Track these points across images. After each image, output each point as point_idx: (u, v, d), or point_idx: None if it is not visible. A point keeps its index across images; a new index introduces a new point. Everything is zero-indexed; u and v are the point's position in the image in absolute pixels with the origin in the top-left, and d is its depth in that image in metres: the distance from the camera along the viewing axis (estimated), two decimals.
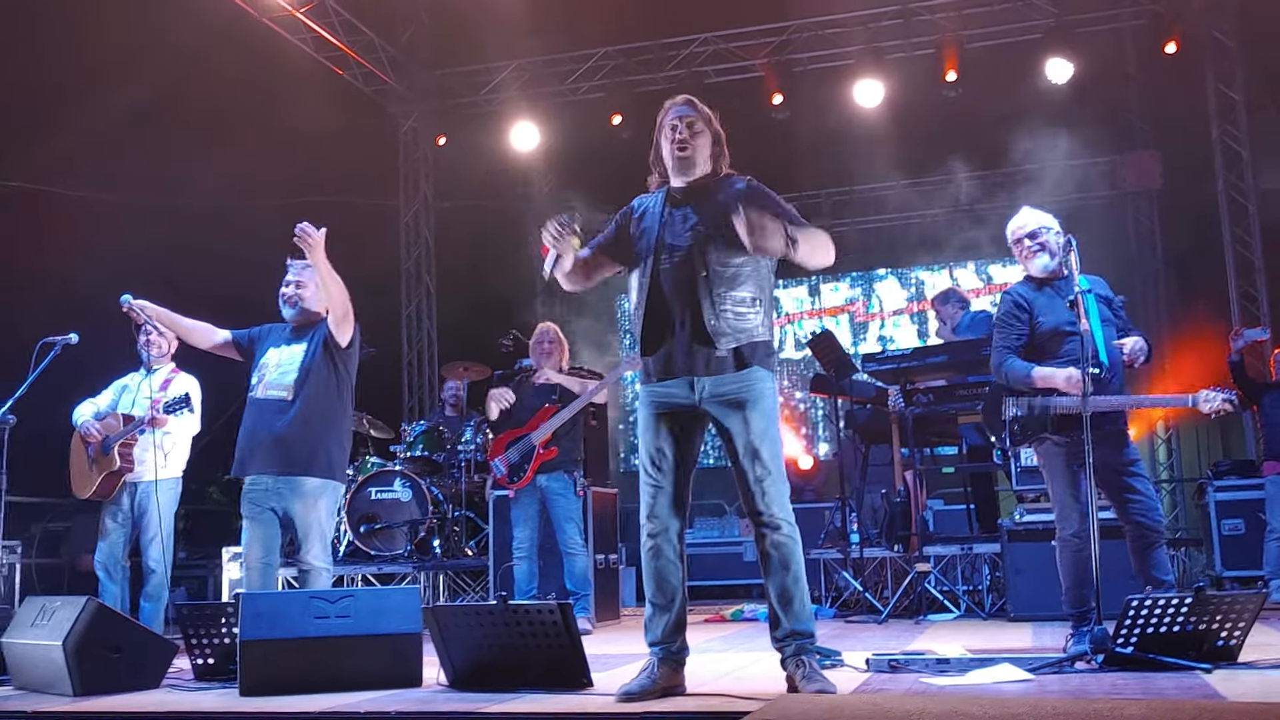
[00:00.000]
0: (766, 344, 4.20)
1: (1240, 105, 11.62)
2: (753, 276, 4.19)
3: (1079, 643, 4.82)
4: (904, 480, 8.42)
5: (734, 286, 4.16)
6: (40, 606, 5.03)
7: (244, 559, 5.60)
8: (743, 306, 4.15)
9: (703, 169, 4.34)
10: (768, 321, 4.23)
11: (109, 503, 6.58)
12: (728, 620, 8.24)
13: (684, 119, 4.36)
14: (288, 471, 5.47)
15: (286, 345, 5.71)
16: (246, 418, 5.63)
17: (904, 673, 4.48)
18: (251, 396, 5.64)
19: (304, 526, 5.47)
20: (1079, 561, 5.04)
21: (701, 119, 4.38)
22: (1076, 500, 5.10)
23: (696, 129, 4.35)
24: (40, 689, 4.80)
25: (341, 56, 12.25)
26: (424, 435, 9.91)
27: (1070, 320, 5.05)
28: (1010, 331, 5.29)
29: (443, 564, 9.44)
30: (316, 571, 5.47)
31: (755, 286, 4.19)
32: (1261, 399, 8.84)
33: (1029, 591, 7.11)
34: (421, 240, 13.88)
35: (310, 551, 5.48)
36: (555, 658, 4.25)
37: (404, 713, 3.78)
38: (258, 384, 5.63)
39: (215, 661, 4.99)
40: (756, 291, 4.19)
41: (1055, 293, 5.26)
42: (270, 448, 5.47)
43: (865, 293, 14.56)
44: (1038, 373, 5.12)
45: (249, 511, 5.55)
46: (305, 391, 5.55)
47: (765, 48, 12.34)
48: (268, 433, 5.49)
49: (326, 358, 5.63)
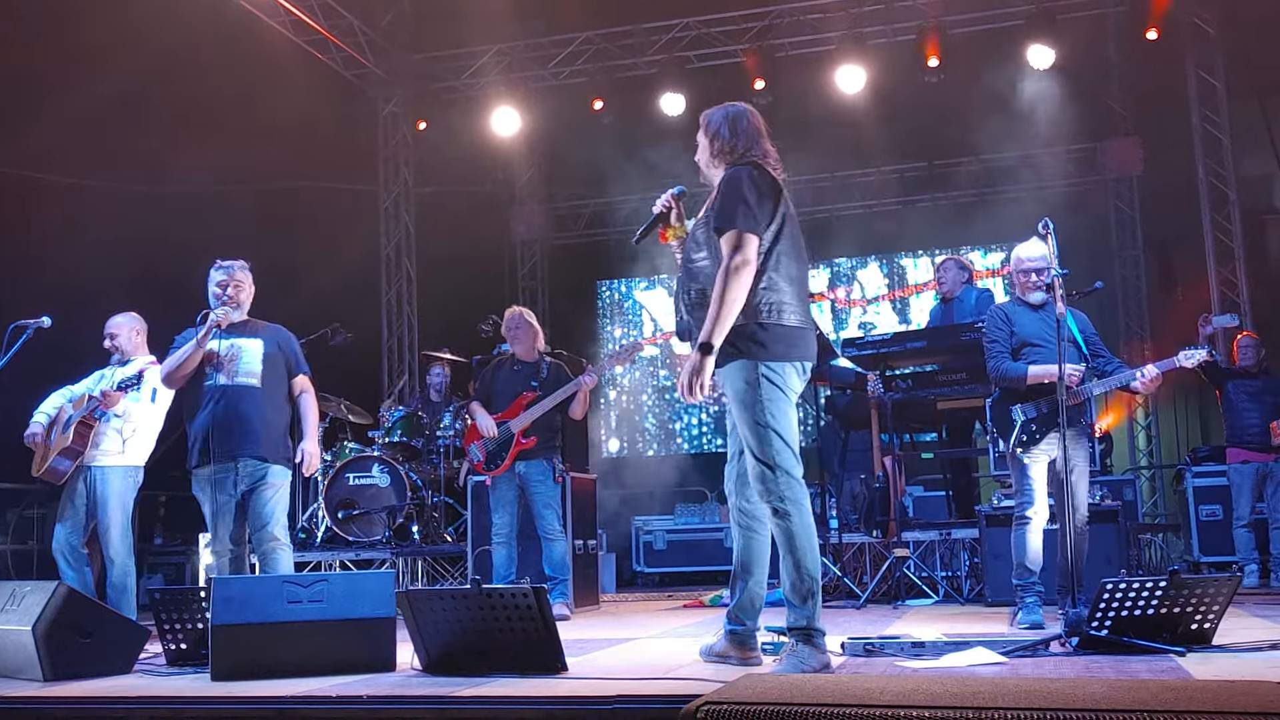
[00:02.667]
0: (739, 328, 4.16)
1: (1220, 91, 11.65)
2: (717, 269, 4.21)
3: (1028, 614, 5.61)
4: (883, 466, 8.42)
5: (698, 281, 4.30)
6: (10, 591, 4.98)
7: (216, 545, 5.75)
8: (691, 296, 4.30)
9: (706, 174, 4.55)
10: (750, 307, 4.17)
11: (66, 488, 6.51)
12: (706, 605, 8.23)
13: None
14: (262, 456, 5.74)
15: (237, 337, 5.90)
16: (213, 406, 5.74)
17: (879, 656, 4.48)
18: (214, 384, 5.78)
19: (274, 507, 5.76)
20: (1028, 540, 5.78)
21: (700, 129, 4.55)
22: (1032, 486, 5.79)
23: (698, 139, 4.56)
24: (10, 675, 4.75)
25: (321, 40, 12.17)
26: (403, 421, 9.88)
27: (1039, 336, 5.86)
28: (1000, 340, 6.02)
29: (421, 550, 9.41)
30: (286, 548, 5.80)
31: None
32: (1225, 385, 8.90)
33: (1007, 576, 7.08)
34: (401, 225, 13.81)
35: (279, 526, 5.78)
36: (530, 642, 4.23)
37: (376, 697, 3.75)
38: (215, 372, 5.80)
39: (187, 646, 4.95)
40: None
41: (1037, 314, 5.99)
42: (243, 431, 5.70)
43: (847, 279, 14.55)
44: (1032, 370, 5.81)
45: (221, 500, 5.70)
46: (269, 381, 5.87)
47: (747, 33, 12.32)
48: (240, 418, 5.72)
49: (279, 356, 6.00)
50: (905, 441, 8.93)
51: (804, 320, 4.30)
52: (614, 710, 3.42)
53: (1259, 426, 8.76)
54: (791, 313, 4.24)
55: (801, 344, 4.27)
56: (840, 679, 3.44)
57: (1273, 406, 8.76)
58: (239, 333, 5.92)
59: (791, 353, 4.23)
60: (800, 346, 4.27)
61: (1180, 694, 2.42)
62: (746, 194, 4.20)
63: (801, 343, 4.27)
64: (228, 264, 6.00)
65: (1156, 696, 2.38)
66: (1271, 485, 8.73)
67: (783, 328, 4.21)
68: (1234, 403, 8.88)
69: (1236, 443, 8.87)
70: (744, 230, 4.15)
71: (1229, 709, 2.28)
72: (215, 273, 5.99)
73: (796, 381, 4.28)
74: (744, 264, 4.12)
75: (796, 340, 4.25)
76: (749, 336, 4.18)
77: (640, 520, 11.92)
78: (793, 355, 4.23)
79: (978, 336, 7.41)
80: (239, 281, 5.97)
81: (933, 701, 2.41)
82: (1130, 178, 13.43)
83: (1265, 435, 8.72)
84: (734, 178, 4.28)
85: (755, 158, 4.36)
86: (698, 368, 4.10)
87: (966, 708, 2.33)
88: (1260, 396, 8.82)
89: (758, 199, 4.22)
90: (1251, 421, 8.79)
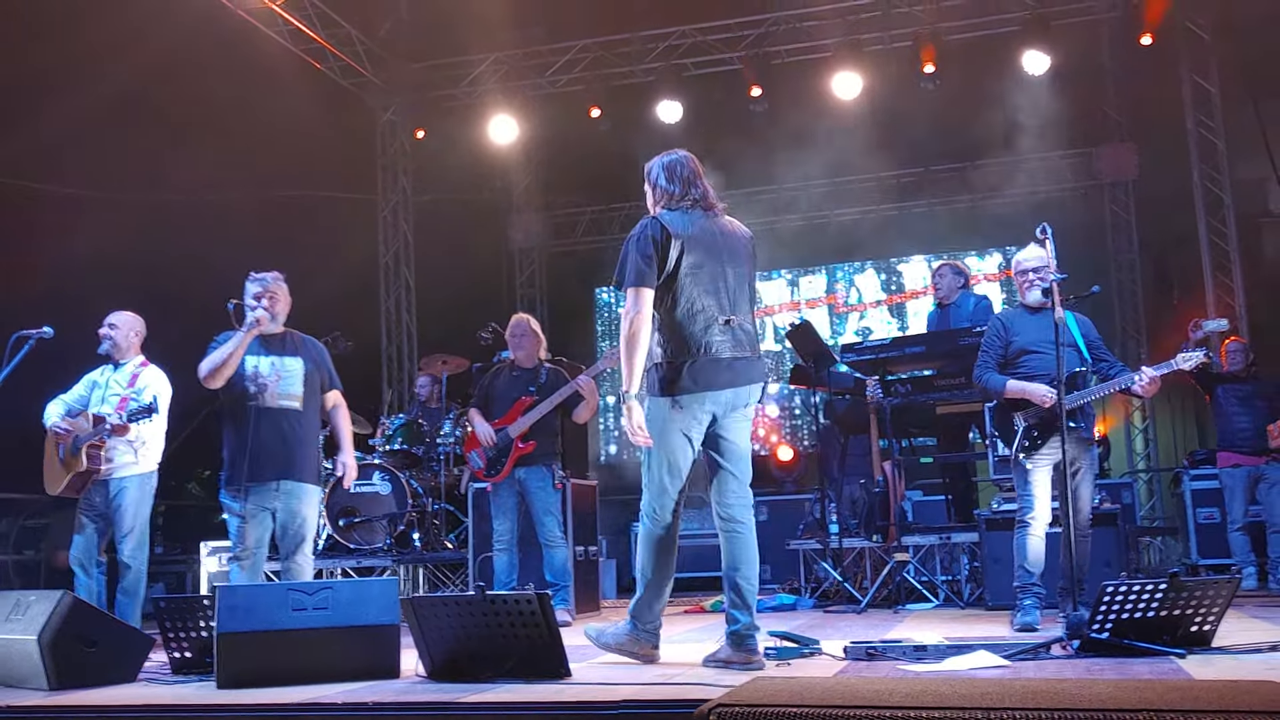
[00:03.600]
0: (653, 369, 4.65)
1: (1215, 96, 11.70)
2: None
3: (1023, 615, 5.78)
4: (882, 470, 8.44)
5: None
6: (15, 601, 4.99)
7: (239, 554, 5.89)
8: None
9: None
10: (652, 348, 4.64)
11: (83, 499, 6.54)
12: (707, 611, 8.25)
13: None
14: (300, 478, 5.95)
15: (278, 356, 6.04)
16: (254, 427, 5.87)
17: (881, 660, 4.50)
18: (257, 406, 5.92)
19: (307, 527, 5.99)
20: (1029, 544, 5.92)
21: (645, 179, 4.92)
22: (1033, 491, 5.92)
23: (645, 189, 4.93)
24: (15, 684, 4.77)
25: (319, 49, 12.20)
26: (403, 429, 9.88)
27: (1037, 341, 5.94)
28: (992, 351, 6.20)
29: (422, 557, 9.42)
30: (311, 565, 6.05)
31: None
32: (1215, 390, 8.95)
33: (1007, 580, 7.11)
34: (400, 234, 13.85)
35: (309, 544, 6.03)
36: (534, 648, 4.25)
37: (381, 703, 3.77)
38: (260, 393, 5.93)
39: (192, 655, 4.97)
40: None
41: (1036, 318, 6.05)
42: (285, 455, 5.90)
43: (844, 285, 14.59)
44: (1011, 385, 6.00)
45: (253, 510, 5.87)
46: (308, 402, 6.05)
47: (743, 40, 12.36)
48: (282, 441, 5.91)
49: (317, 375, 6.15)
50: (904, 446, 8.96)
51: (712, 351, 4.59)
52: (619, 715, 3.44)
53: (1250, 430, 8.81)
54: (695, 347, 4.57)
55: (707, 375, 4.58)
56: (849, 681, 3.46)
57: (1264, 410, 8.82)
58: (279, 349, 6.06)
59: (692, 386, 4.57)
60: (703, 377, 4.58)
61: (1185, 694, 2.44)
62: (637, 252, 4.57)
63: (707, 374, 4.58)
64: (262, 276, 6.09)
65: (1162, 696, 2.41)
66: (1265, 488, 8.77)
67: (686, 365, 4.57)
68: (1224, 407, 8.94)
69: (1227, 446, 8.93)
70: (635, 285, 4.54)
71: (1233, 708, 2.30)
72: (250, 284, 6.08)
73: (687, 417, 4.60)
74: (634, 313, 4.53)
75: (702, 374, 4.58)
76: (659, 378, 4.62)
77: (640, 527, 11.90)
78: (696, 388, 4.57)
79: (976, 341, 7.44)
80: (274, 293, 6.06)
81: (941, 702, 2.44)
82: (1126, 183, 13.47)
83: (1256, 439, 8.78)
84: (629, 237, 4.66)
85: (695, 196, 4.76)
86: (629, 415, 4.57)
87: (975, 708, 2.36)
88: (1250, 401, 8.88)
89: (649, 253, 4.56)
90: (1242, 425, 8.84)
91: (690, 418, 4.59)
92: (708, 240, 4.68)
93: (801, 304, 14.64)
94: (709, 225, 4.73)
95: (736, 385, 4.61)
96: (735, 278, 4.71)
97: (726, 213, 4.90)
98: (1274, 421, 8.71)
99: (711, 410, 4.61)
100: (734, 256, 4.75)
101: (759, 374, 4.72)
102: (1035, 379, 5.92)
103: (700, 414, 4.60)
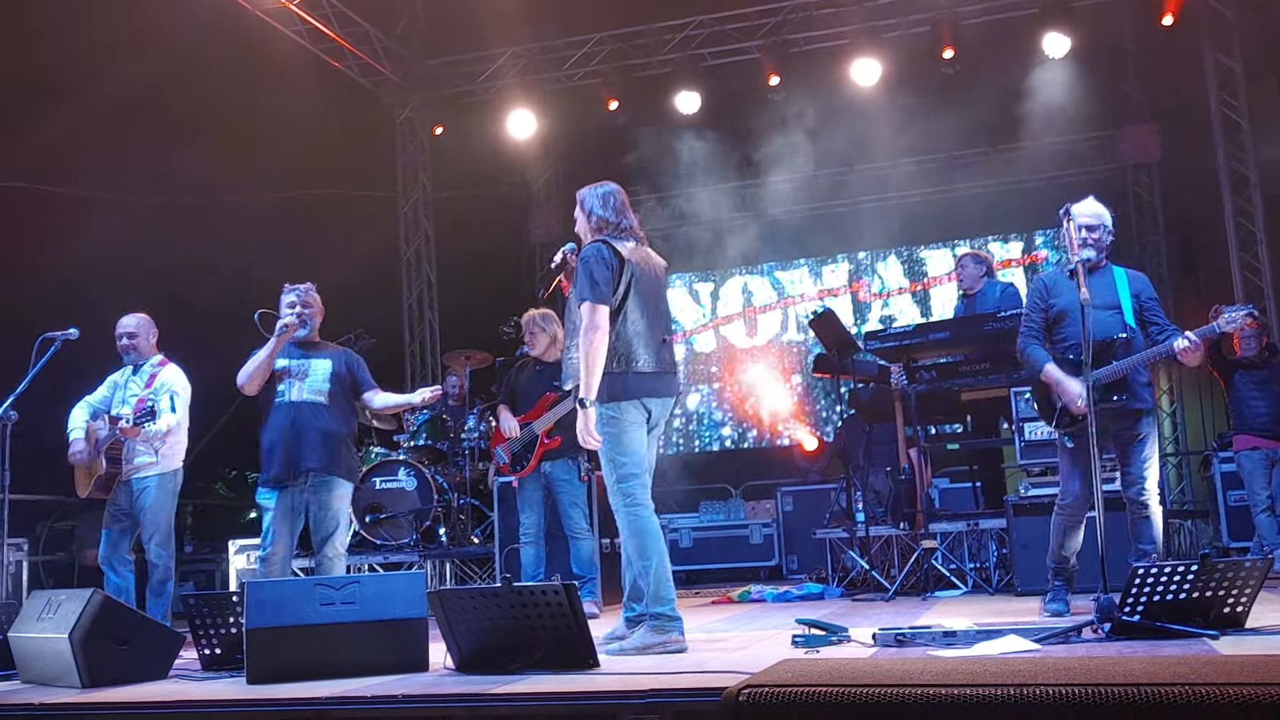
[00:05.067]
0: (606, 377, 4.98)
1: (1239, 75, 11.57)
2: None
3: (1053, 601, 5.63)
4: (908, 458, 8.41)
5: (577, 335, 5.07)
6: (46, 600, 5.03)
7: (270, 553, 6.02)
8: (574, 350, 5.13)
9: (586, 243, 5.26)
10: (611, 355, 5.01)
11: (110, 500, 6.58)
12: (734, 601, 8.24)
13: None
14: (329, 471, 6.09)
15: (305, 357, 6.23)
16: (283, 420, 6.06)
17: (911, 646, 4.47)
18: (284, 400, 6.10)
19: (339, 519, 6.16)
20: (1065, 527, 5.70)
21: (578, 207, 5.35)
22: (1076, 471, 5.59)
23: (575, 215, 5.37)
24: (48, 682, 4.80)
25: (336, 48, 12.21)
26: (427, 424, 9.91)
27: (1075, 305, 5.33)
28: (1034, 316, 5.86)
29: (449, 552, 9.45)
30: (344, 559, 6.20)
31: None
32: (1233, 376, 8.92)
33: (1035, 566, 7.07)
34: (421, 230, 13.87)
35: (340, 537, 6.20)
36: (561, 639, 4.25)
37: (411, 695, 3.78)
38: (287, 389, 6.12)
39: (222, 651, 5.00)
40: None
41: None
42: (312, 447, 6.05)
43: (867, 272, 14.53)
44: (1048, 372, 5.65)
45: (284, 508, 6.01)
46: (335, 398, 6.23)
47: (760, 29, 12.30)
48: (309, 433, 6.06)
49: (347, 377, 6.34)
50: (930, 433, 8.92)
51: (653, 364, 5.10)
52: (648, 705, 3.44)
53: (1267, 415, 8.80)
54: (640, 360, 5.05)
55: (649, 383, 5.09)
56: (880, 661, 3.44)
57: (1279, 394, 8.81)
58: (309, 352, 6.25)
59: (639, 392, 5.05)
60: (647, 385, 5.08)
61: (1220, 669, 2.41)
62: (595, 271, 5.00)
63: (649, 383, 5.09)
64: (297, 287, 6.29)
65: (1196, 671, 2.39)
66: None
67: (633, 374, 5.03)
68: (1240, 392, 8.92)
69: (1245, 430, 8.91)
70: (594, 302, 4.97)
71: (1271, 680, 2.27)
72: (286, 295, 6.26)
73: (638, 415, 5.08)
74: (596, 329, 4.95)
75: (644, 382, 5.07)
76: (610, 385, 5.02)
77: (665, 518, 11.92)
78: (641, 394, 5.06)
79: (1001, 327, 7.40)
80: (308, 303, 6.26)
81: (973, 680, 2.42)
82: (1149, 164, 13.35)
83: (1273, 423, 8.78)
84: (585, 257, 5.08)
85: (626, 226, 5.21)
86: (584, 419, 4.97)
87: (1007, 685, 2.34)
88: (1267, 385, 8.87)
89: (606, 274, 5.00)
90: (1260, 410, 8.83)
91: (638, 415, 5.08)
92: (645, 266, 5.22)
93: (823, 293, 14.58)
94: (641, 253, 5.25)
95: (668, 396, 5.21)
96: (663, 301, 5.33)
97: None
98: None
99: (648, 415, 5.14)
100: (659, 283, 5.32)
101: (677, 388, 5.34)
102: (1071, 348, 5.57)
103: (641, 417, 5.11)
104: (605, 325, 4.97)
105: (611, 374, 5.01)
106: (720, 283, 14.80)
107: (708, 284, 14.85)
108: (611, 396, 5.02)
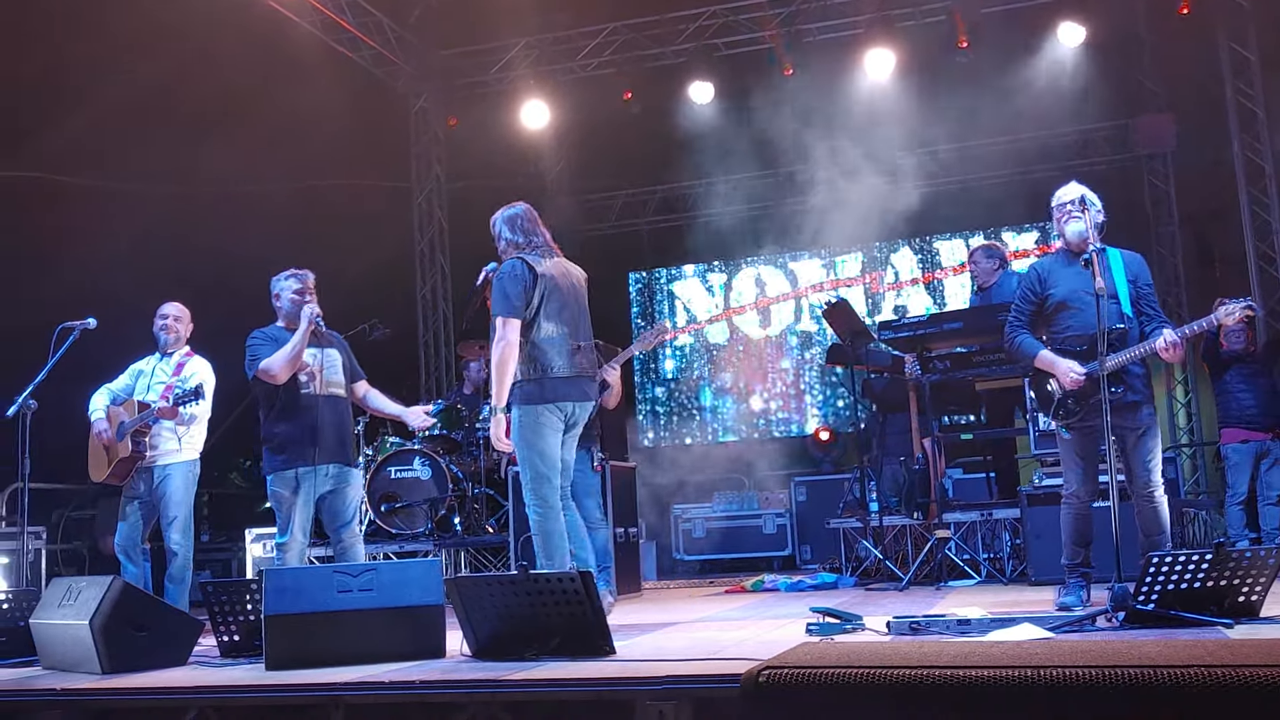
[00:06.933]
0: (521, 383, 5.50)
1: (1254, 64, 11.53)
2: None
3: (1069, 594, 5.49)
4: (922, 448, 8.41)
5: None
6: (67, 587, 5.07)
7: (289, 542, 6.07)
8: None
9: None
10: (522, 366, 5.50)
11: (128, 487, 6.62)
12: (748, 590, 8.26)
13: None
14: (349, 461, 6.24)
15: (318, 348, 6.24)
16: (306, 413, 6.08)
17: (925, 634, 4.48)
18: (311, 393, 6.14)
19: (355, 505, 6.27)
20: (1071, 519, 5.59)
21: (492, 230, 5.90)
22: (1075, 462, 5.55)
23: (493, 233, 5.90)
24: (69, 668, 4.84)
25: (350, 38, 12.25)
26: (442, 414, 9.93)
27: (1077, 295, 5.40)
28: (1024, 305, 5.69)
29: (463, 541, 9.48)
30: (361, 540, 6.34)
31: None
32: (1227, 372, 8.93)
33: (1049, 555, 7.07)
34: (435, 221, 13.91)
35: (357, 522, 6.30)
36: (577, 626, 4.27)
37: (428, 681, 3.80)
38: (310, 381, 6.16)
39: (241, 638, 5.03)
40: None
41: (1076, 267, 5.49)
42: (337, 439, 6.14)
43: (880, 263, 14.51)
44: (1042, 356, 5.53)
45: (303, 498, 6.05)
46: (348, 390, 6.36)
47: (774, 19, 12.30)
48: (336, 426, 6.16)
49: (349, 366, 6.45)
50: (944, 423, 8.91)
51: (568, 370, 5.54)
52: (664, 690, 3.46)
53: (1255, 408, 8.82)
54: (555, 367, 5.49)
55: (564, 388, 5.53)
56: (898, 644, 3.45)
57: (1266, 386, 8.87)
58: (319, 342, 6.26)
59: (555, 396, 5.50)
60: (562, 390, 5.53)
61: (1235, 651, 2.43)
62: (507, 287, 5.49)
63: (564, 387, 5.53)
64: (300, 272, 6.31)
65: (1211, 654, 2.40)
66: (1267, 464, 8.81)
67: (549, 380, 5.48)
68: (1229, 385, 8.95)
69: (1234, 423, 8.93)
70: (505, 316, 5.45)
71: None
72: (289, 280, 6.28)
73: (554, 419, 5.51)
74: (503, 341, 5.43)
75: (559, 387, 5.52)
76: (516, 387, 5.48)
77: (679, 508, 11.96)
78: (557, 398, 5.51)
79: None
80: (312, 289, 6.29)
81: (990, 662, 2.43)
82: (1164, 154, 13.31)
83: (1261, 415, 8.80)
84: (501, 274, 5.55)
85: (537, 243, 5.70)
86: (496, 426, 5.45)
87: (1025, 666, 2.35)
88: (1254, 378, 8.89)
89: (518, 289, 5.48)
90: (1247, 403, 8.84)
91: (554, 418, 5.51)
92: (560, 278, 5.64)
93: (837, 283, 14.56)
94: (557, 266, 5.69)
95: (583, 400, 5.61)
96: (579, 310, 5.71)
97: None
98: (1277, 395, 8.79)
99: (564, 417, 5.55)
100: (575, 291, 5.72)
101: (595, 393, 5.76)
102: (1070, 340, 5.47)
103: (558, 420, 5.53)
104: (514, 337, 5.44)
105: (529, 380, 5.46)
106: (733, 273, 14.81)
107: (720, 275, 14.86)
108: (528, 401, 5.46)
